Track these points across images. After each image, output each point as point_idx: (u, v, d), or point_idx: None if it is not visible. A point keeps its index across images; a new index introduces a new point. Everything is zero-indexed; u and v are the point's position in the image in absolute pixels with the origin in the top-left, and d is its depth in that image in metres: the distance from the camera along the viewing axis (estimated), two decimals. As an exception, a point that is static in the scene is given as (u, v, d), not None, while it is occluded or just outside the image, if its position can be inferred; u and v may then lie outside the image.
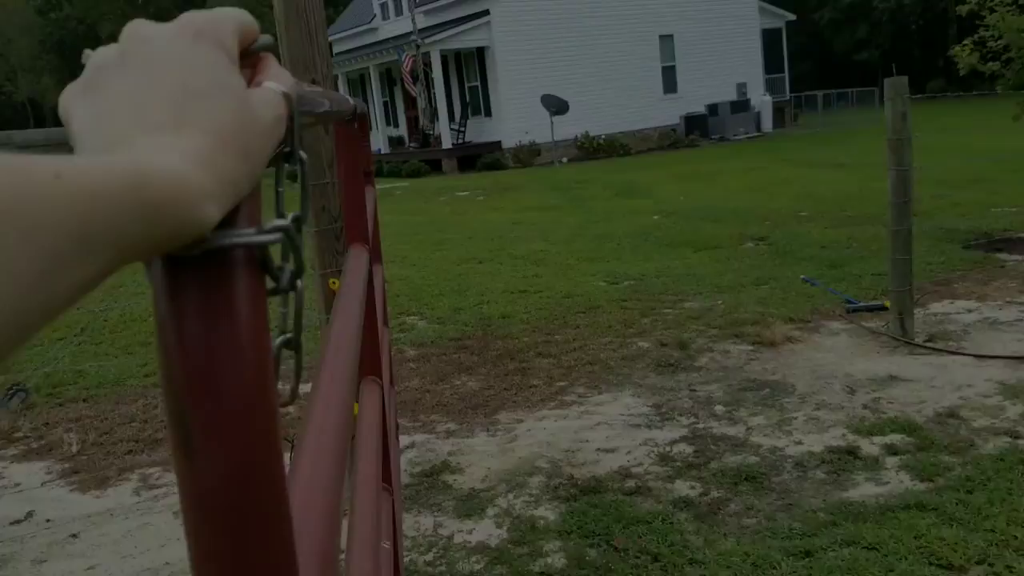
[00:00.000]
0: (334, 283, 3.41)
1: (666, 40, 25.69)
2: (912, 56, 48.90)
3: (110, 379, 5.54)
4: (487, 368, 5.18)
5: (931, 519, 2.95)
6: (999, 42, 7.14)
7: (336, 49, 31.14)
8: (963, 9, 7.30)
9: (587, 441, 3.96)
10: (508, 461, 3.80)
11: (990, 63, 7.22)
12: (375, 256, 3.36)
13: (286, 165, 0.48)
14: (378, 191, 16.05)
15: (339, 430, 0.88)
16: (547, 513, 3.26)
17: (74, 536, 3.46)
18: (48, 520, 3.63)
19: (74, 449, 4.38)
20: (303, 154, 0.50)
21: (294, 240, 0.44)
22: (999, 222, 8.36)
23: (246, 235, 0.41)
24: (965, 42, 7.34)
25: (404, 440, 4.15)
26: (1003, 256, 6.92)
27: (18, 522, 3.65)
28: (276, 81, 0.46)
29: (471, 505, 3.38)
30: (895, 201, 4.91)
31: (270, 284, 0.44)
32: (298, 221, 0.45)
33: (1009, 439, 3.57)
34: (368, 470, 1.50)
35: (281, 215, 0.45)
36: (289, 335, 0.54)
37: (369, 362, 1.96)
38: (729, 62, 26.75)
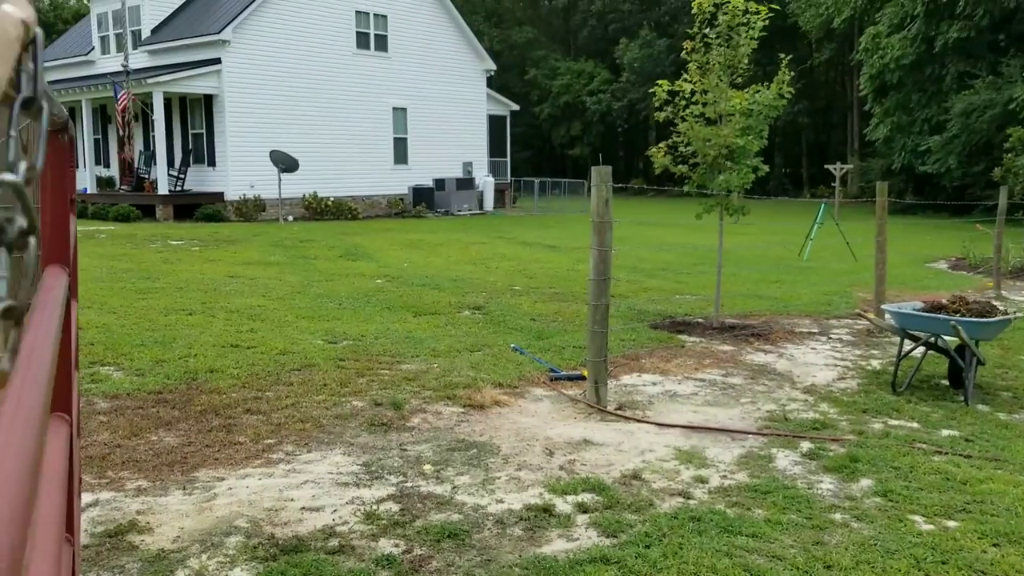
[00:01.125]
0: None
1: (400, 112, 26.39)
2: (618, 155, 54.21)
3: None
4: (189, 424, 4.88)
5: (614, 572, 3.19)
6: (688, 148, 8.14)
7: (46, 78, 28.46)
8: (660, 116, 8.25)
9: (292, 500, 3.84)
10: (205, 520, 3.58)
11: (680, 165, 8.20)
12: (72, 289, 3.09)
13: (22, 110, 0.46)
14: (80, 233, 14.71)
15: (26, 468, 0.80)
16: (243, 575, 3.10)
17: None
18: None
19: None
20: (45, 101, 0.48)
21: (23, 194, 0.42)
22: (681, 307, 9.40)
23: None
24: (660, 145, 8.29)
25: (87, 498, 3.78)
26: (683, 337, 7.77)
27: None
28: (13, 5, 0.44)
29: (159, 567, 3.14)
30: (595, 278, 5.37)
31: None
32: (31, 171, 0.43)
33: (682, 499, 3.97)
34: (52, 514, 1.36)
35: (11, 167, 0.43)
36: (9, 302, 0.51)
37: (61, 397, 1.79)
38: (458, 141, 28.02)
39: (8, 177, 0.41)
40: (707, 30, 8.18)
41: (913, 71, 30.45)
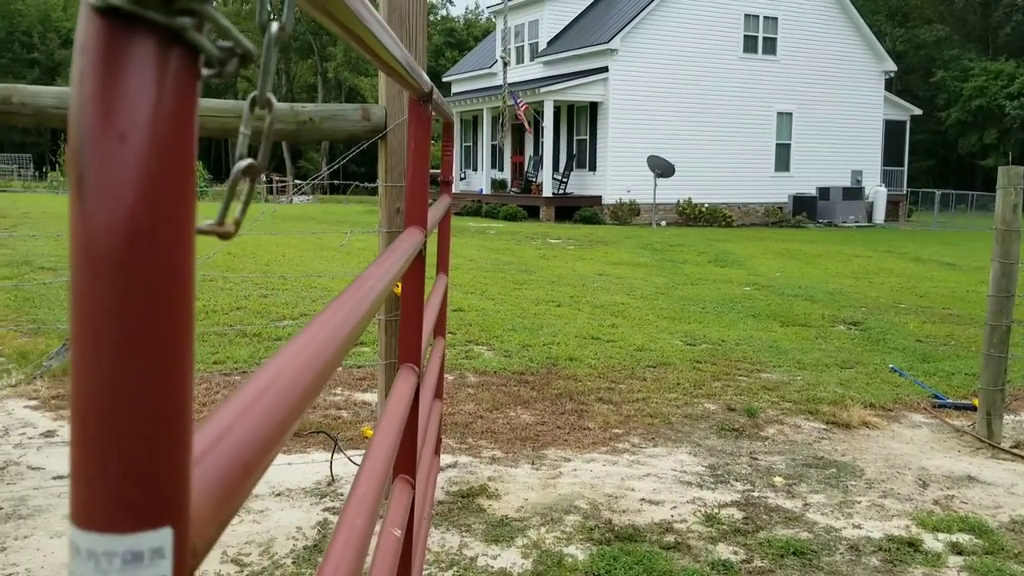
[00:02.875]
0: (397, 287, 3.42)
1: (784, 117, 25.42)
2: (1041, 169, 46.95)
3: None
4: (544, 405, 5.10)
5: (990, 626, 2.71)
6: None
7: (454, 90, 32.00)
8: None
9: (632, 490, 3.82)
10: (547, 496, 3.70)
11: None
12: (443, 264, 3.36)
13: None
14: (473, 229, 16.41)
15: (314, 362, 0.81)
16: (577, 552, 3.14)
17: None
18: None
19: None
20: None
21: (215, 17, 0.40)
22: (1113, 343, 7.84)
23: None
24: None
25: (447, 459, 4.10)
26: (1112, 377, 6.46)
27: (61, 477, 3.73)
28: None
29: (501, 532, 3.29)
30: (995, 294, 4.65)
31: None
32: None
33: (1091, 561, 3.28)
34: (383, 446, 1.45)
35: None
36: (251, 161, 0.51)
37: (410, 349, 1.93)
38: (847, 148, 26.26)
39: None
40: None
41: None
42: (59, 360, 5.39)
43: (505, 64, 23.61)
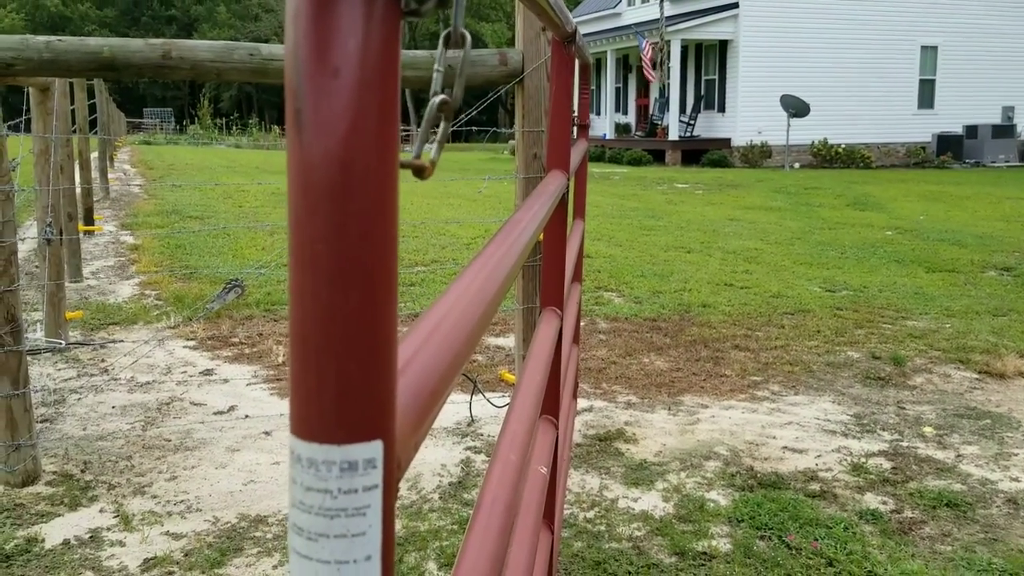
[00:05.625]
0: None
1: (928, 51, 23.77)
2: None
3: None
4: (678, 351, 5.03)
5: None
6: None
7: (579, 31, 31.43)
8: None
9: (774, 438, 3.74)
10: (686, 441, 3.67)
11: None
12: (579, 209, 3.34)
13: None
14: (596, 175, 16.28)
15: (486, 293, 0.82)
16: (719, 498, 3.11)
17: (267, 433, 3.72)
18: (247, 416, 3.92)
19: (280, 360, 4.71)
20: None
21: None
22: None
23: None
24: None
25: (582, 403, 4.12)
26: None
27: (221, 413, 3.97)
28: None
29: (640, 475, 3.29)
30: None
31: None
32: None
33: None
34: (532, 384, 1.46)
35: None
36: (445, 96, 0.51)
37: (552, 294, 1.92)
38: (997, 82, 24.35)
39: None
40: None
41: None
42: (220, 303, 5.71)
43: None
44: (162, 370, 4.57)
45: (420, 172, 0.47)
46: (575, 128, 3.38)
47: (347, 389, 0.40)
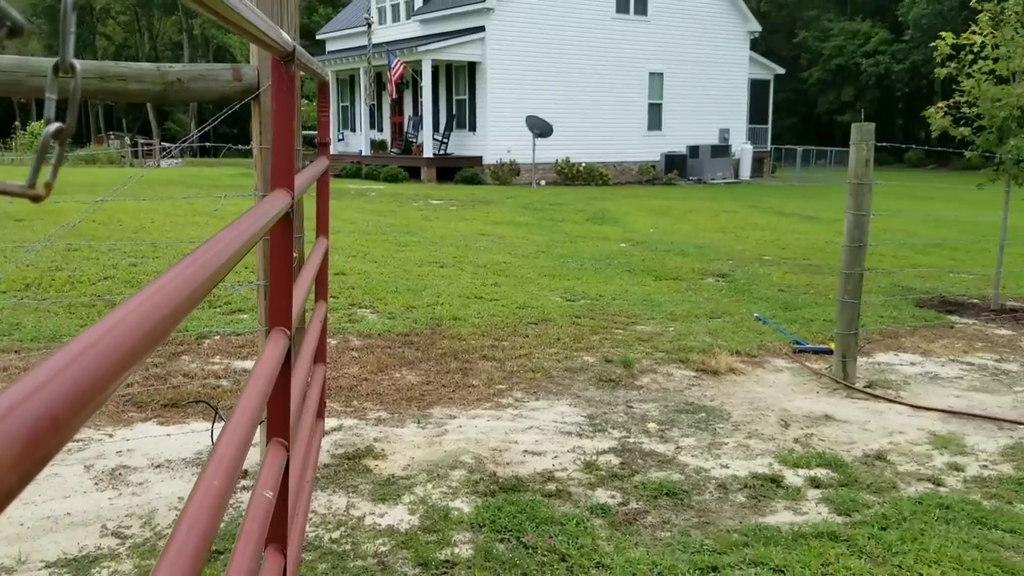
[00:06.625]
0: (296, 252, 3.36)
1: (656, 77, 25.99)
2: (896, 123, 49.92)
3: (46, 334, 5.42)
4: (429, 365, 5.14)
5: (841, 549, 2.95)
6: (973, 109, 7.27)
7: (329, 48, 31.15)
8: (941, 73, 7.42)
9: (516, 443, 3.92)
10: (433, 453, 3.75)
11: (962, 127, 7.35)
12: (323, 227, 3.32)
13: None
14: (353, 191, 15.97)
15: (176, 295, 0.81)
16: (462, 505, 3.21)
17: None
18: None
19: (-6, 396, 4.26)
20: None
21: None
22: (955, 286, 8.50)
23: None
24: (939, 104, 7.47)
25: (332, 423, 4.09)
26: (954, 318, 7.02)
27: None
28: None
29: (388, 491, 3.33)
30: (849, 244, 4.96)
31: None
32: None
33: (931, 485, 3.60)
34: (248, 407, 1.45)
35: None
36: (60, 125, 0.51)
37: (280, 312, 1.91)
38: (715, 107, 27.13)
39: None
40: (1004, -26, 7.23)
41: None
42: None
43: (369, 26, 23.09)
44: None
45: (35, 199, 0.47)
46: (317, 145, 3.37)
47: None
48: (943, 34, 7.40)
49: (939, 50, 7.38)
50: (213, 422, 3.84)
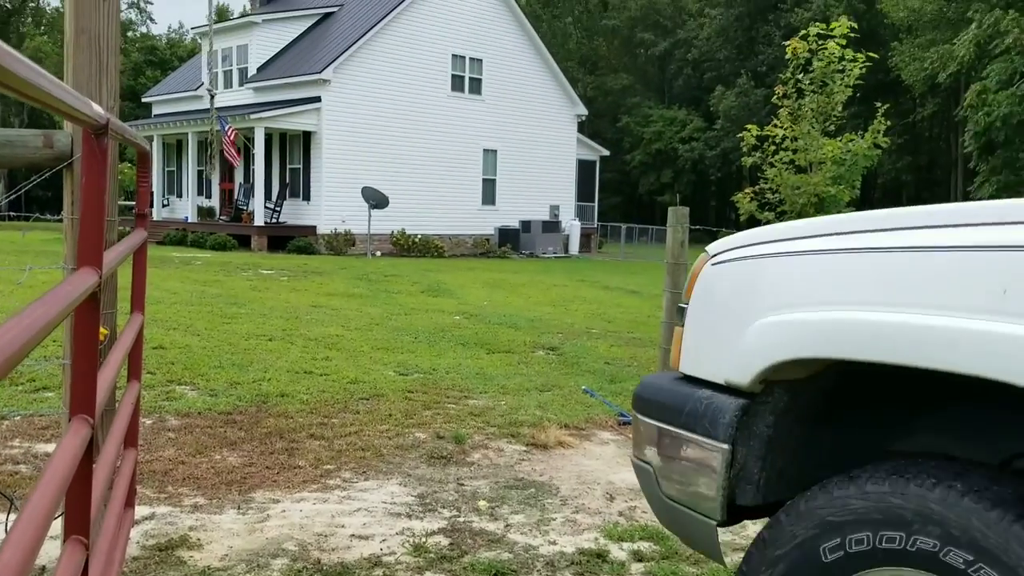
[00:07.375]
0: (104, 331, 3.15)
1: (490, 154, 26.75)
2: (709, 204, 53.59)
3: None
4: (253, 445, 4.92)
5: (664, 622, 3.02)
6: (775, 195, 7.94)
7: (156, 111, 30.09)
8: (747, 161, 8.09)
9: (343, 526, 3.80)
10: (254, 541, 3.57)
11: (766, 212, 7.99)
12: (138, 302, 3.15)
13: None
14: (177, 260, 15.30)
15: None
16: (285, 596, 3.06)
17: None
18: None
19: None
20: None
21: None
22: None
23: None
24: (747, 190, 8.11)
25: (143, 511, 3.82)
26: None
27: None
28: None
29: (203, 584, 3.13)
30: (668, 321, 5.23)
31: None
32: None
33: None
34: (41, 505, 1.34)
35: None
36: None
37: (82, 399, 1.79)
38: (546, 184, 28.20)
39: None
40: (800, 75, 8.01)
41: (1021, 130, 29.24)
42: None
43: (212, 97, 22.57)
44: None
45: None
46: (136, 216, 3.21)
47: None
48: (749, 126, 8.09)
49: (745, 140, 8.05)
50: (8, 513, 3.49)
